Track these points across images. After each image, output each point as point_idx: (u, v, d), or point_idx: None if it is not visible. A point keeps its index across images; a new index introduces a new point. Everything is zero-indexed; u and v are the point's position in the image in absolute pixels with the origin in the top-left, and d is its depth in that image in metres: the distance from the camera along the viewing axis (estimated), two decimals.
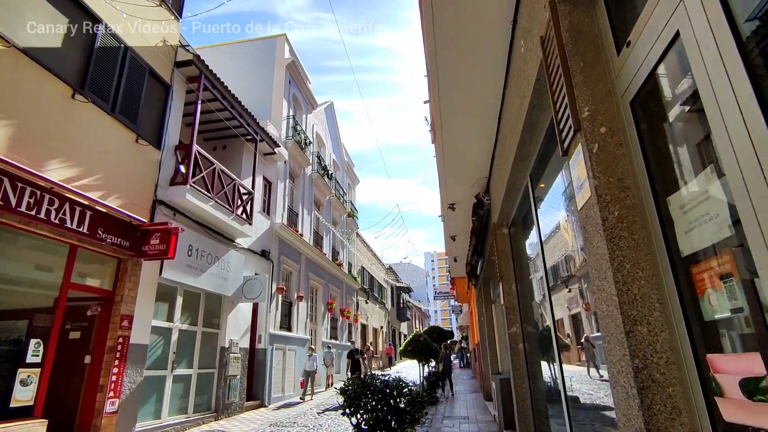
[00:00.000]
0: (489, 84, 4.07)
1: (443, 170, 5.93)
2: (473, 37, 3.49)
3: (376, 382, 4.73)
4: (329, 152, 21.14)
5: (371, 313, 27.93)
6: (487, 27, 3.37)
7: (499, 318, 8.56)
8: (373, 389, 4.63)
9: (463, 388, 15.31)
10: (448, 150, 5.45)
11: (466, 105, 4.46)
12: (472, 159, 5.55)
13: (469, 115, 4.65)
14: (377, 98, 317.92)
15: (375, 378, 4.86)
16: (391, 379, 4.86)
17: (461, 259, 9.97)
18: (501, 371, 8.26)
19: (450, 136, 5.12)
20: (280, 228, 13.50)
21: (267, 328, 12.47)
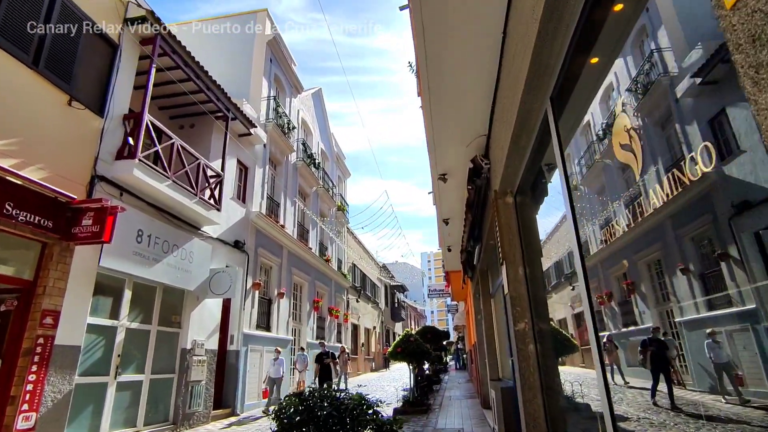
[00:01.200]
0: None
1: (431, 127, 4.71)
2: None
3: (323, 406, 3.44)
4: (317, 141, 19.90)
5: (363, 313, 26.69)
6: None
7: (499, 314, 7.35)
8: (317, 420, 3.35)
9: (458, 393, 14.09)
10: (438, 98, 4.24)
11: (460, 23, 3.25)
12: (469, 107, 4.33)
13: (463, 40, 3.44)
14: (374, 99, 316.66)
15: (324, 398, 3.60)
16: (349, 400, 3.61)
17: (455, 248, 8.76)
18: (502, 377, 7.05)
19: (439, 78, 3.91)
20: (257, 217, 12.24)
21: (241, 327, 11.21)
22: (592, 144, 2.61)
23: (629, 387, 2.40)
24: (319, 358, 11.97)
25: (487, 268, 7.70)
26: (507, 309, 4.24)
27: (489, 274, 7.77)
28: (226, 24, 14.41)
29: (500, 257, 4.32)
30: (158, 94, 10.15)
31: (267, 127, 13.69)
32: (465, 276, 10.40)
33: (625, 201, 2.19)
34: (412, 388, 11.03)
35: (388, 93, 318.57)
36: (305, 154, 17.24)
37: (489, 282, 7.73)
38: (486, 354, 8.24)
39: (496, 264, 6.86)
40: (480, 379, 10.47)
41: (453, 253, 9.36)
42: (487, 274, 7.81)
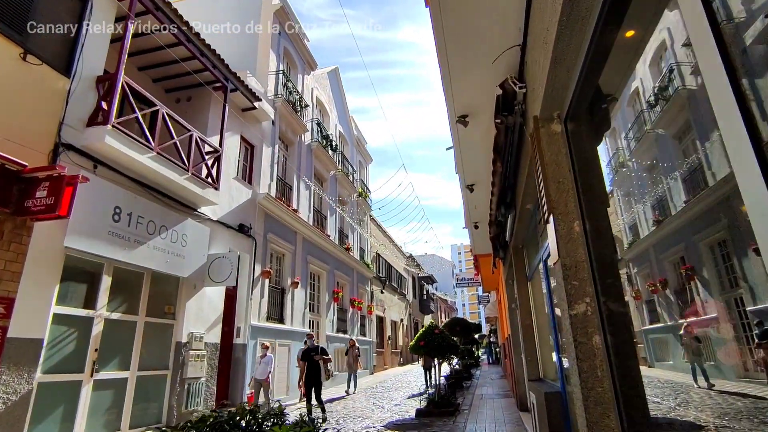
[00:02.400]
0: None
1: (443, 41, 3.44)
2: None
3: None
4: (334, 123, 18.79)
5: (389, 305, 25.57)
6: None
7: (538, 300, 6.00)
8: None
9: (491, 392, 12.74)
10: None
11: None
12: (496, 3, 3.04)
13: None
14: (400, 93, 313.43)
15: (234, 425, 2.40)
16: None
17: (483, 223, 7.44)
18: (543, 377, 5.73)
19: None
20: (265, 199, 11.23)
21: (248, 319, 10.25)
22: (642, 114, 2.22)
23: (718, 392, 1.80)
24: (306, 355, 8.83)
25: (523, 245, 6.36)
26: (555, 287, 2.95)
27: (525, 253, 6.42)
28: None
29: (544, 212, 3.02)
30: (150, 63, 9.25)
31: (275, 103, 12.64)
32: (495, 259, 9.05)
33: (683, 174, 1.89)
34: (437, 386, 9.79)
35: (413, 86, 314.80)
36: (320, 135, 16.14)
37: (525, 262, 6.39)
38: (523, 349, 6.91)
39: (534, 238, 5.51)
40: (515, 376, 9.13)
41: (481, 231, 8.05)
42: (521, 253, 6.46)
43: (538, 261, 5.40)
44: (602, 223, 2.68)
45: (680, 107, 1.88)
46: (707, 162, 1.66)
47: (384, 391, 13.61)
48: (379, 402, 11.17)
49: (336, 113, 19.30)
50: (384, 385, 15.19)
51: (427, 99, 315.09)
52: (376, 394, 12.74)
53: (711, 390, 1.88)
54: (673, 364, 2.25)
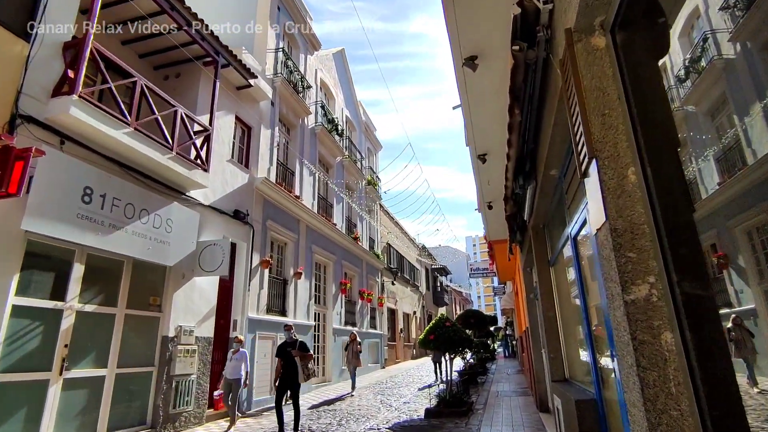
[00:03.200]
0: None
1: None
2: None
3: None
4: (340, 107, 17.98)
5: (401, 297, 24.83)
6: None
7: (563, 288, 5.15)
8: None
9: (508, 388, 11.91)
10: None
11: None
12: None
13: None
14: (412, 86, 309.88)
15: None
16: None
17: (498, 202, 6.57)
18: (569, 378, 4.89)
19: None
20: (263, 184, 10.52)
21: (245, 311, 9.59)
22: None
23: None
24: (282, 351, 7.21)
25: (544, 224, 5.50)
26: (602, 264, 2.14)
27: (546, 234, 5.57)
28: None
29: (582, 160, 2.18)
30: (134, 36, 8.54)
31: (275, 83, 11.89)
32: (511, 244, 8.19)
33: None
34: (448, 383, 9.01)
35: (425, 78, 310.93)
36: (325, 118, 15.36)
37: (547, 244, 5.53)
38: (544, 344, 6.08)
39: (558, 213, 4.65)
40: (534, 374, 8.29)
41: (495, 212, 7.18)
42: (542, 234, 5.61)
43: (563, 241, 4.55)
44: (671, 170, 1.84)
45: None
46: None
47: (393, 386, 12.89)
48: (387, 399, 10.45)
49: (342, 97, 18.49)
50: (394, 381, 14.49)
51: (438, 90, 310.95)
52: (385, 390, 12.03)
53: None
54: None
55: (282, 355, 7.19)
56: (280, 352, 7.24)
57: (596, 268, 2.78)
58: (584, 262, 3.67)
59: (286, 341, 7.34)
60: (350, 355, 11.91)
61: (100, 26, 7.48)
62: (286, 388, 7.08)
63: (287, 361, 7.11)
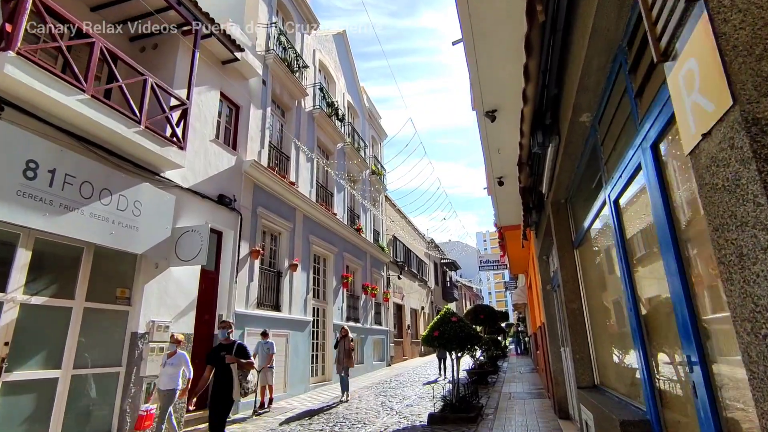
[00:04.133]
0: None
1: None
2: None
3: None
4: (342, 91, 17.07)
5: (408, 292, 23.92)
6: None
7: (590, 273, 4.19)
8: None
9: (521, 389, 10.95)
10: None
11: None
12: None
13: None
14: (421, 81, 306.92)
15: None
16: None
17: (510, 177, 5.58)
18: (601, 384, 3.94)
19: None
20: (252, 167, 9.67)
21: (232, 305, 8.77)
22: None
23: None
24: (213, 356, 5.54)
25: (567, 198, 4.54)
26: (706, 206, 1.19)
27: (570, 209, 4.61)
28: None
29: (665, 20, 1.24)
30: (104, 1, 7.72)
31: (266, 60, 11.03)
32: (526, 228, 7.23)
33: None
34: (454, 385, 8.09)
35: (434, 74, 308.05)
36: (324, 102, 14.47)
37: (570, 222, 4.57)
38: (566, 341, 5.15)
39: (587, 180, 3.69)
40: (552, 375, 7.33)
41: (507, 190, 6.21)
42: (565, 211, 4.65)
43: (594, 213, 3.61)
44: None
45: None
46: None
47: (397, 386, 12.01)
48: (389, 401, 9.58)
49: (344, 82, 17.58)
50: (399, 380, 13.61)
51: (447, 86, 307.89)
52: (388, 391, 11.16)
53: None
54: None
55: (213, 362, 5.47)
56: (211, 358, 5.53)
57: (662, 231, 1.84)
58: (631, 232, 2.72)
59: (221, 343, 5.63)
60: (341, 354, 9.88)
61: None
62: (216, 403, 5.36)
63: (219, 370, 5.40)
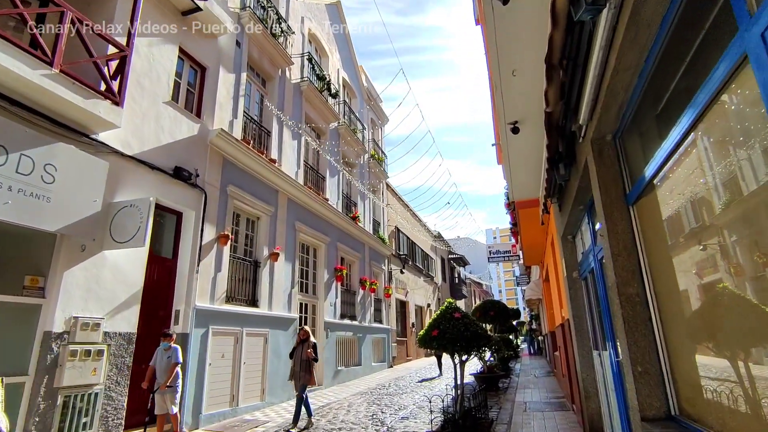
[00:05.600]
0: None
1: None
2: None
3: None
4: (336, 67, 15.59)
5: (413, 288, 22.42)
6: None
7: (659, 239, 2.65)
8: None
9: (537, 398, 9.40)
10: None
11: None
12: None
13: None
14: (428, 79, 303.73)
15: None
16: None
17: (527, 122, 4.03)
18: (680, 415, 2.43)
19: None
20: (220, 138, 8.25)
21: (191, 299, 7.36)
22: None
23: None
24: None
25: (616, 133, 2.99)
26: None
27: (621, 149, 3.07)
28: None
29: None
30: None
31: (241, 18, 9.59)
32: (546, 200, 5.69)
33: None
34: (458, 395, 6.57)
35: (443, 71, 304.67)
36: (315, 75, 13.01)
37: (622, 169, 3.05)
38: (606, 344, 3.63)
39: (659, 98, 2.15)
40: (580, 384, 5.79)
41: (524, 143, 4.65)
42: (613, 150, 3.12)
43: (674, 142, 2.09)
44: None
45: None
46: None
47: (395, 392, 10.53)
48: (383, 412, 8.11)
49: (339, 57, 16.10)
50: (399, 384, 12.13)
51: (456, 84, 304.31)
52: (383, 398, 9.68)
53: None
54: None
55: None
56: None
57: None
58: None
59: None
60: (298, 366, 7.05)
61: None
62: None
63: None
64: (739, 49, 1.52)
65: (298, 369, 7.08)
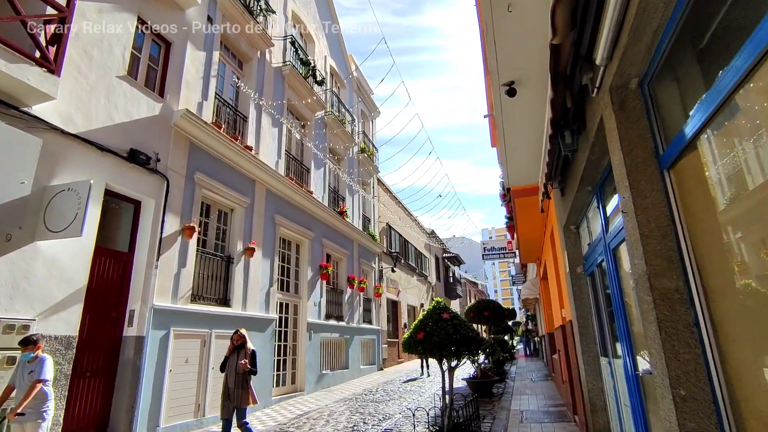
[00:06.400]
0: None
1: None
2: None
3: None
4: (323, 54, 14.79)
5: (405, 287, 21.66)
6: None
7: (709, 210, 1.90)
8: None
9: (535, 406, 8.65)
10: None
11: None
12: None
13: None
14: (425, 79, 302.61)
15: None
16: None
17: (529, 72, 3.27)
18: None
19: None
20: (184, 120, 7.45)
21: (150, 298, 6.56)
22: None
23: None
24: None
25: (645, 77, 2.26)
26: None
27: (652, 100, 2.34)
28: None
29: None
30: None
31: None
32: (547, 185, 4.93)
33: None
34: (447, 404, 5.81)
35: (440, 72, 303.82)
36: (298, 60, 12.23)
37: (653, 124, 2.32)
38: (623, 350, 2.90)
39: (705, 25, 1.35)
40: (584, 395, 5.04)
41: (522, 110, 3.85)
42: (639, 101, 2.40)
43: (728, 86, 1.34)
44: None
45: None
46: None
47: (382, 399, 9.76)
48: (365, 423, 7.34)
49: (326, 44, 15.31)
50: (387, 389, 11.36)
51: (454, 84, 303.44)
52: (368, 406, 8.91)
53: None
54: None
55: None
56: None
57: None
58: None
59: None
60: (230, 380, 5.45)
61: None
62: None
63: None
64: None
65: (232, 386, 5.37)
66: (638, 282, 2.29)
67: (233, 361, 5.54)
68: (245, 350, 5.61)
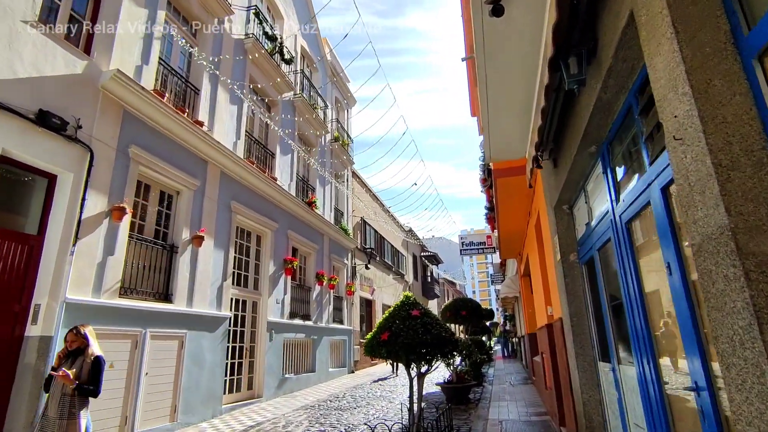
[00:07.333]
0: None
1: None
2: None
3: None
4: (292, 32, 13.73)
5: (381, 285, 20.73)
6: None
7: None
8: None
9: (515, 414, 7.81)
10: None
11: None
12: None
13: None
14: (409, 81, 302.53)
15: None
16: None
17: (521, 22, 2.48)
18: None
19: None
20: (114, 82, 6.34)
21: (62, 290, 5.44)
22: None
23: None
24: None
25: None
26: None
27: None
28: None
29: None
30: None
31: None
32: (538, 153, 4.08)
33: None
34: (415, 417, 4.89)
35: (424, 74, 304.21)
36: (263, 33, 11.17)
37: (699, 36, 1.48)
38: (641, 354, 2.02)
39: None
40: (576, 408, 4.21)
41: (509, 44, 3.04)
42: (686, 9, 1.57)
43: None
44: None
45: None
46: None
47: (348, 406, 8.80)
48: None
49: (297, 21, 14.26)
50: (355, 394, 10.40)
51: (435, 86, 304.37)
52: (330, 415, 7.94)
53: None
54: None
55: None
56: None
57: None
58: None
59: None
60: (52, 405, 3.59)
61: None
62: None
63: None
64: None
65: (54, 414, 3.53)
66: (707, 246, 1.41)
67: (56, 380, 3.65)
68: (84, 357, 3.78)
